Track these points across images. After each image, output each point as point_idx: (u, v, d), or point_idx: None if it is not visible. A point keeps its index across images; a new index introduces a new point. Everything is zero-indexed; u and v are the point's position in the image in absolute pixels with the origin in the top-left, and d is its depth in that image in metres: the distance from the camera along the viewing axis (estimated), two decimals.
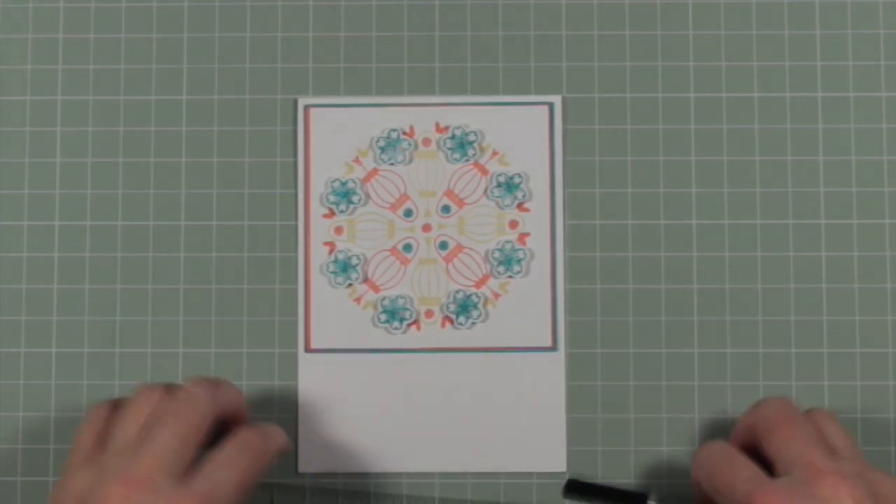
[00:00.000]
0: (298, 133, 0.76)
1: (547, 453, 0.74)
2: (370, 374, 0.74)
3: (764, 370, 0.74)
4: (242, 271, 0.75)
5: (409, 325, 0.74)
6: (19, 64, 0.77)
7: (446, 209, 0.75)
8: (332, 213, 0.75)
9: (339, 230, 0.75)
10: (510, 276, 0.74)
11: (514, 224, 0.75)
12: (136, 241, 0.75)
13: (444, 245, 0.75)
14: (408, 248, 0.75)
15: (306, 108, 0.76)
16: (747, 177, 0.75)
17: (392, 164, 0.75)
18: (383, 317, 0.74)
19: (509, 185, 0.75)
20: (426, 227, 0.75)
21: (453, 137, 0.75)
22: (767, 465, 0.61)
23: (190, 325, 0.75)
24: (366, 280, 0.75)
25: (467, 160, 0.75)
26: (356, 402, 0.74)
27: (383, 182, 0.75)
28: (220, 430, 0.63)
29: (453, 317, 0.74)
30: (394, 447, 0.74)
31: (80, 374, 0.75)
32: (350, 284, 0.75)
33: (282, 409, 0.74)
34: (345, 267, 0.75)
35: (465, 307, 0.74)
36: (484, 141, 0.75)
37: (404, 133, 0.76)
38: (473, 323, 0.74)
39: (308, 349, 0.74)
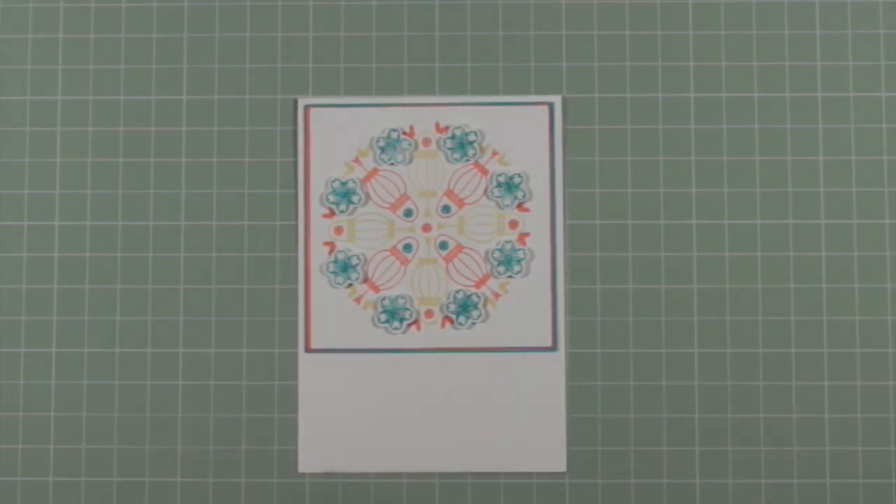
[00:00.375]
0: (298, 133, 0.76)
1: (547, 453, 0.74)
2: (370, 374, 0.74)
3: (764, 370, 0.74)
4: (242, 271, 0.75)
5: (409, 325, 0.74)
6: (19, 64, 0.77)
7: (446, 209, 0.75)
8: (332, 213, 0.75)
9: (339, 230, 0.75)
10: (510, 276, 0.74)
11: (514, 224, 0.75)
12: (136, 241, 0.75)
13: (444, 245, 0.75)
14: (408, 248, 0.75)
15: (306, 108, 0.76)
16: (747, 177, 0.75)
17: (392, 164, 0.76)
18: (383, 317, 0.74)
19: (509, 185, 0.75)
20: (426, 227, 0.75)
21: (453, 137, 0.75)
22: None
23: (190, 325, 0.75)
24: (366, 280, 0.75)
25: (467, 160, 0.75)
26: (356, 402, 0.74)
27: (383, 182, 0.75)
28: None
29: (453, 317, 0.74)
30: (394, 447, 0.74)
31: (80, 374, 0.75)
32: (350, 284, 0.75)
33: (282, 409, 0.74)
34: (345, 267, 0.75)
35: (465, 307, 0.74)
36: (484, 141, 0.75)
37: (404, 133, 0.76)
38: (473, 323, 0.74)
39: (308, 349, 0.74)
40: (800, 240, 0.75)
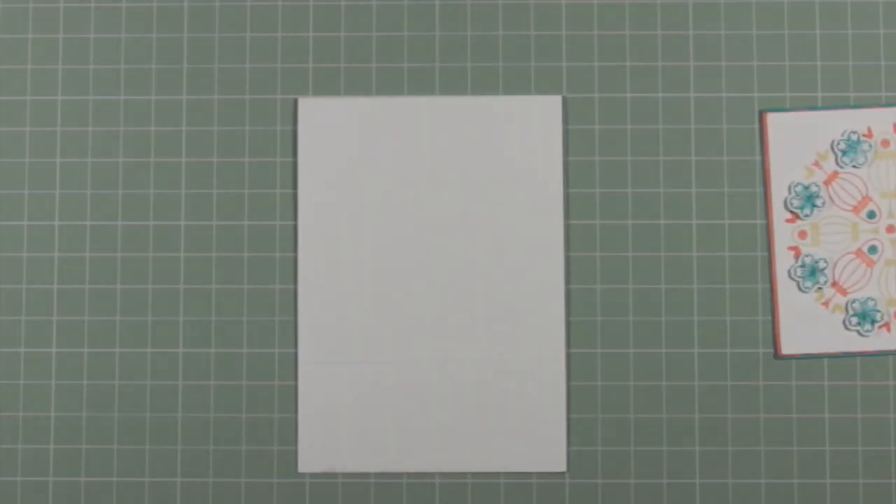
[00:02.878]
0: (299, 133, 0.76)
1: (547, 453, 0.73)
2: (370, 374, 0.74)
3: (764, 370, 0.74)
4: (242, 271, 0.75)
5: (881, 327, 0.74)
6: (19, 64, 0.77)
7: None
8: (795, 218, 0.75)
9: (803, 234, 0.75)
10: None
11: None
12: (136, 241, 0.75)
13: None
14: (873, 250, 0.74)
15: (762, 113, 0.75)
16: (747, 177, 0.75)
17: (855, 166, 0.75)
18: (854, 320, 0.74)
19: None
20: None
21: None
22: None
23: (189, 325, 0.75)
24: (833, 284, 0.74)
25: None
26: (356, 402, 0.74)
27: (844, 185, 0.75)
28: None
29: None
30: (394, 447, 0.74)
31: (80, 374, 0.75)
32: (819, 289, 0.74)
33: (282, 409, 0.74)
34: (812, 272, 0.74)
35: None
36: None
37: (863, 135, 0.75)
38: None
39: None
40: None
